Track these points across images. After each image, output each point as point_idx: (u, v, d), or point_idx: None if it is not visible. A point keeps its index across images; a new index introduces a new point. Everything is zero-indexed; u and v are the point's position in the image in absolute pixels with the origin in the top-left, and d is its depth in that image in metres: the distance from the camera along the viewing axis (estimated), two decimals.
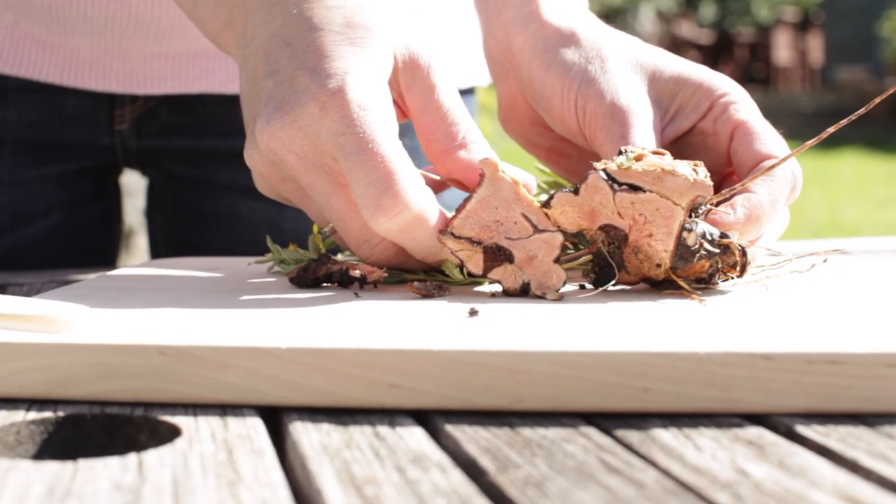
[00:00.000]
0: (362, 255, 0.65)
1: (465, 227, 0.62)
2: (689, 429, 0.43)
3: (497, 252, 0.61)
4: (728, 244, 0.60)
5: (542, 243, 0.61)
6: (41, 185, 1.00)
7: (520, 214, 0.61)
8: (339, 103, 0.60)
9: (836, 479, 0.37)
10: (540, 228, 0.61)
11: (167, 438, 0.44)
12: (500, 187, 0.61)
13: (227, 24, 0.69)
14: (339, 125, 0.60)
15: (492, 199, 0.62)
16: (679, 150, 0.73)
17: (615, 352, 0.45)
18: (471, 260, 0.62)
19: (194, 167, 1.03)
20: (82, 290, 0.66)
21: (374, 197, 0.59)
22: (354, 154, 0.59)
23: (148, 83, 0.97)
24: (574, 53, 0.73)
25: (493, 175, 0.62)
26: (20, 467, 0.39)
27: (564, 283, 0.61)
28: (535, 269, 0.61)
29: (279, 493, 0.37)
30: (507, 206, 0.61)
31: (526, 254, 0.61)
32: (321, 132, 0.61)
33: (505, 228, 0.61)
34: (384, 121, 0.60)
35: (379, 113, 0.60)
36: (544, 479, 0.37)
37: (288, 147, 0.62)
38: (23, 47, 0.96)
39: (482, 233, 0.61)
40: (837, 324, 0.51)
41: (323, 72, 0.62)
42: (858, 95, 11.65)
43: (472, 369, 0.45)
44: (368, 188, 0.59)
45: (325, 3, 0.65)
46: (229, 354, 0.47)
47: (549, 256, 0.61)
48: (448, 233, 0.62)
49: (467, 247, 0.61)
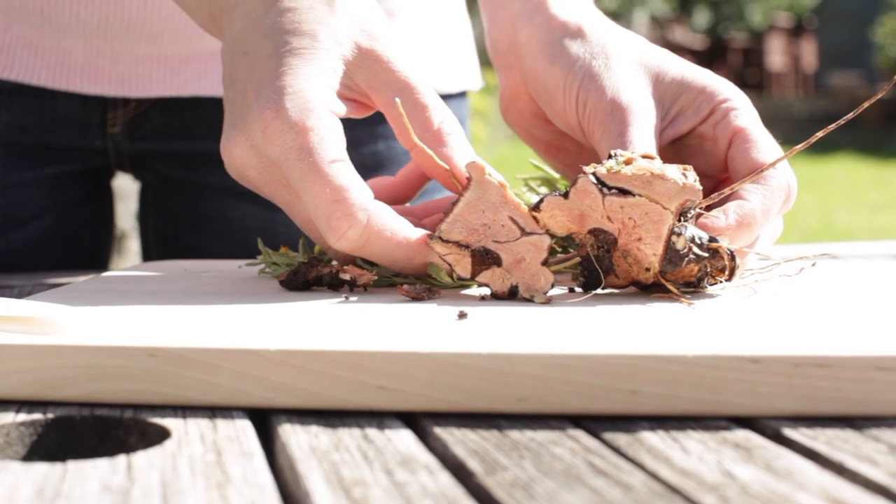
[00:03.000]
0: (335, 258, 0.67)
1: (453, 230, 0.62)
2: (677, 431, 0.43)
3: (485, 255, 0.61)
4: (717, 248, 0.60)
5: (529, 246, 0.61)
6: (33, 187, 1.00)
7: (507, 217, 0.61)
8: (278, 128, 0.62)
9: (822, 482, 0.37)
10: (527, 231, 0.61)
11: (156, 440, 0.44)
12: (487, 190, 0.62)
13: (210, 18, 0.71)
14: (280, 150, 0.62)
15: (479, 202, 0.62)
16: (677, 152, 0.73)
17: (604, 354, 0.45)
18: (459, 263, 0.62)
19: (186, 170, 1.03)
20: (73, 292, 0.66)
21: (324, 220, 0.61)
22: (298, 180, 0.61)
23: (140, 86, 0.97)
24: (579, 48, 0.73)
25: (479, 178, 0.62)
26: (9, 469, 0.39)
27: (553, 286, 0.61)
28: (523, 272, 0.61)
29: (268, 494, 0.37)
30: (495, 209, 0.62)
31: (514, 257, 0.61)
32: (268, 154, 0.62)
33: (492, 231, 0.62)
34: (324, 141, 0.61)
35: (318, 133, 0.61)
36: (532, 482, 0.37)
37: (246, 164, 0.64)
38: (14, 51, 0.96)
39: (470, 236, 0.62)
40: (825, 327, 0.51)
41: (265, 91, 0.63)
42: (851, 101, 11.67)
43: (461, 372, 0.45)
44: (317, 211, 0.61)
45: (279, 6, 0.65)
46: (219, 356, 0.47)
47: (536, 259, 0.61)
48: (436, 237, 0.62)
49: (455, 250, 0.62)
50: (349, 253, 0.63)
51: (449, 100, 1.06)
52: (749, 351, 0.45)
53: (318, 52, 0.64)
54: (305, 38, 0.64)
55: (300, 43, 0.64)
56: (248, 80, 0.64)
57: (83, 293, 0.65)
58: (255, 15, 0.66)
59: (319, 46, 0.64)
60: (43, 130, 0.99)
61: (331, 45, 0.65)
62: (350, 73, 0.66)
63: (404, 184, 0.74)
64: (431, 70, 1.04)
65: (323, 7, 0.65)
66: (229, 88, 0.66)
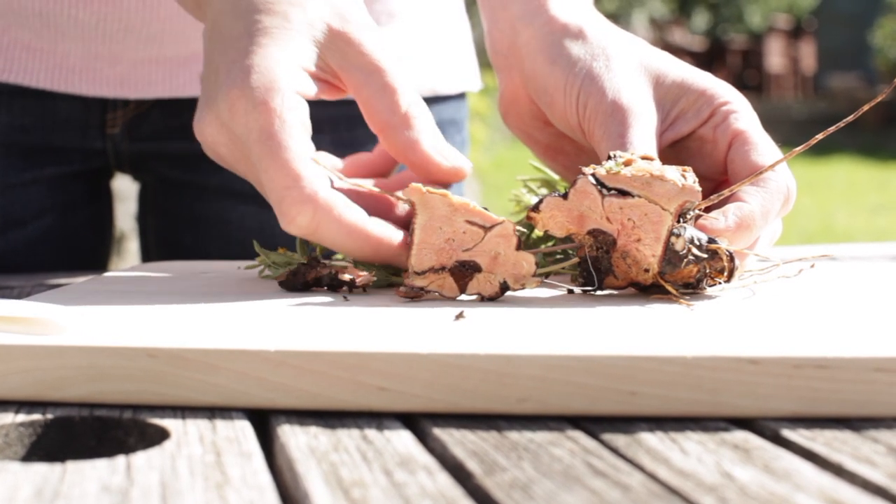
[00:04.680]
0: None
1: (423, 260, 0.62)
2: (676, 432, 0.43)
3: (463, 268, 0.61)
4: (716, 249, 0.60)
5: (497, 239, 0.61)
6: (33, 188, 1.00)
7: (464, 223, 0.61)
8: (242, 106, 0.62)
9: (820, 483, 0.37)
10: (487, 226, 0.61)
11: (155, 441, 0.44)
12: (434, 207, 0.62)
13: (196, 4, 0.72)
14: (244, 129, 0.62)
15: (432, 221, 0.62)
16: (677, 154, 0.73)
17: (602, 355, 0.45)
18: (444, 287, 0.62)
19: (186, 171, 1.03)
20: (72, 292, 0.66)
21: (276, 203, 0.62)
22: (257, 160, 0.62)
23: (139, 87, 0.97)
24: (580, 49, 0.73)
25: (421, 199, 0.62)
26: (9, 469, 0.39)
27: (537, 265, 0.61)
28: (504, 266, 0.61)
29: (266, 495, 0.37)
30: (449, 221, 0.61)
31: (488, 256, 0.61)
32: (235, 131, 0.63)
33: (458, 243, 0.61)
34: (286, 123, 0.62)
35: (280, 115, 0.62)
36: (531, 483, 0.37)
37: (216, 141, 0.65)
38: (12, 54, 0.96)
39: (440, 257, 0.62)
40: (824, 329, 0.51)
41: (234, 69, 0.63)
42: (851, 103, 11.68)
43: (460, 373, 0.45)
44: (271, 194, 0.62)
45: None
46: (218, 357, 0.47)
47: (509, 247, 0.61)
48: (412, 273, 0.62)
49: (435, 278, 0.62)
50: (303, 237, 0.64)
51: (448, 101, 1.06)
52: (748, 352, 0.45)
53: (289, 31, 0.65)
54: (277, 17, 0.65)
55: (271, 23, 0.65)
56: (220, 60, 0.65)
57: (83, 294, 0.65)
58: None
59: (290, 27, 0.65)
60: (43, 131, 0.99)
61: (301, 26, 0.66)
62: (321, 54, 0.67)
63: (380, 160, 0.76)
64: (430, 71, 1.04)
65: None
66: (205, 68, 0.67)
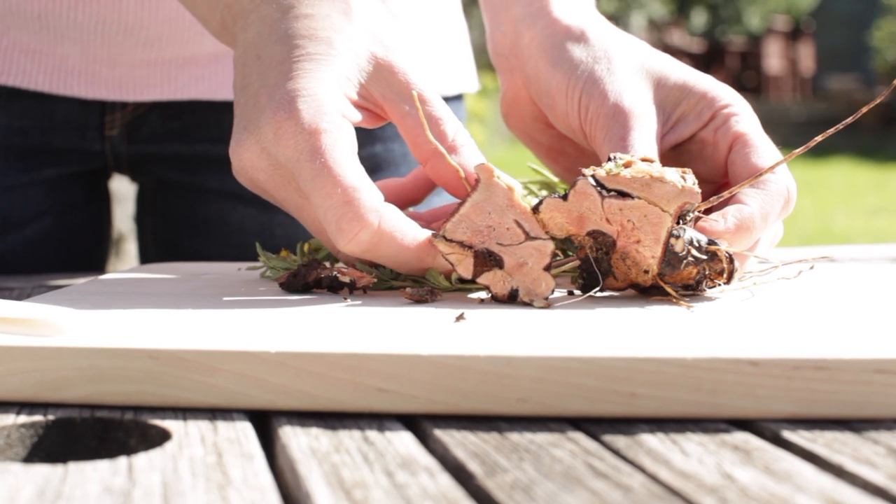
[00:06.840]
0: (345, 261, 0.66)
1: (458, 230, 0.62)
2: (676, 434, 0.43)
3: (487, 257, 0.61)
4: (715, 251, 0.60)
5: (533, 250, 0.61)
6: (31, 189, 1.00)
7: (513, 221, 0.61)
8: (290, 129, 0.61)
9: (821, 484, 0.37)
10: (532, 236, 0.61)
11: (157, 442, 0.44)
12: (495, 192, 0.62)
13: (223, 25, 0.70)
14: (293, 151, 0.61)
15: (486, 203, 0.62)
16: (678, 157, 0.73)
17: (602, 357, 0.45)
18: (461, 263, 0.62)
19: (184, 173, 1.03)
20: (72, 294, 0.66)
21: (333, 222, 0.60)
22: (309, 181, 0.60)
23: (138, 90, 0.97)
24: (582, 52, 0.73)
25: (488, 180, 0.62)
26: (10, 470, 0.39)
27: (552, 292, 0.61)
28: (525, 276, 0.61)
29: (268, 496, 0.37)
30: (501, 211, 0.62)
31: (516, 260, 0.61)
32: (279, 156, 0.62)
33: (497, 234, 0.62)
34: (337, 143, 0.61)
35: (330, 136, 0.61)
36: (532, 484, 0.38)
37: (256, 166, 0.63)
38: (11, 56, 0.96)
39: (474, 237, 0.62)
40: (824, 330, 0.51)
41: (278, 93, 0.62)
42: (849, 104, 11.69)
43: (460, 374, 0.45)
44: (326, 213, 0.60)
45: (295, 12, 0.65)
46: (218, 358, 0.47)
47: (539, 264, 0.61)
48: (440, 235, 0.62)
49: (458, 250, 0.62)
50: (359, 256, 0.62)
51: (446, 102, 1.06)
52: (748, 353, 0.45)
53: (334, 58, 0.64)
54: (321, 44, 0.64)
55: (316, 49, 0.63)
56: (260, 84, 0.63)
57: (83, 295, 0.65)
58: (271, 20, 0.65)
59: (335, 53, 0.64)
60: (41, 133, 0.99)
61: (347, 53, 0.64)
62: (364, 83, 0.65)
63: (414, 186, 0.73)
64: (429, 72, 1.04)
65: (340, 15, 0.65)
66: (240, 93, 0.65)
